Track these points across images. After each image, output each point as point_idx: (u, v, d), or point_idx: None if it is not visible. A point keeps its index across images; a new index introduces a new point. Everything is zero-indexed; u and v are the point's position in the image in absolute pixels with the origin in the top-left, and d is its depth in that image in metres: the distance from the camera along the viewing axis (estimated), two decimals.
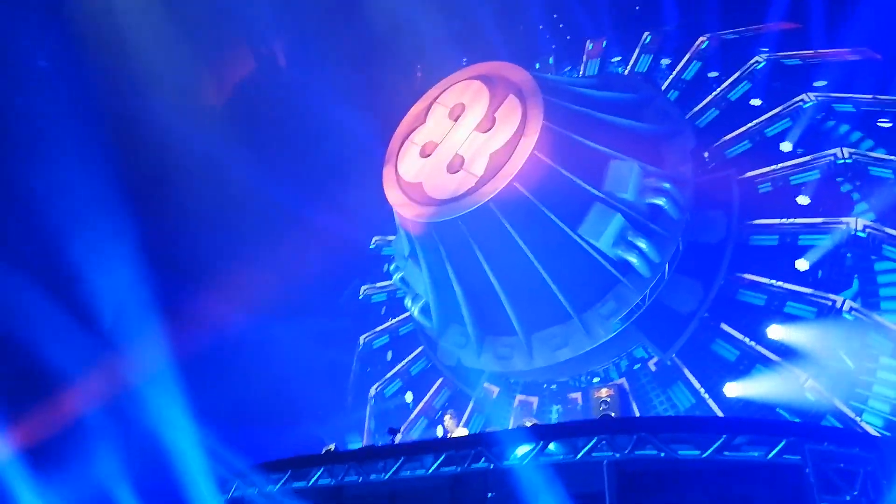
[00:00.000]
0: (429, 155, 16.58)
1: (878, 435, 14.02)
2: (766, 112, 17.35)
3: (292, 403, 21.46)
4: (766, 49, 18.29)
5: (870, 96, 16.66)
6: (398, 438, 13.01)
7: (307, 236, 22.43)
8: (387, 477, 11.13)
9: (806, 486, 9.57)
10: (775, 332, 15.19)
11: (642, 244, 15.31)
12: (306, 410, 21.92)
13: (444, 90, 17.38)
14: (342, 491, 11.43)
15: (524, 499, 10.16)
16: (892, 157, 15.75)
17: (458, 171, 15.76)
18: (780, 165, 16.65)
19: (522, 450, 10.43)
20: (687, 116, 17.95)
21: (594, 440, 10.20)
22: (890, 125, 16.43)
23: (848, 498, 9.39)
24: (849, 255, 15.34)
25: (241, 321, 21.33)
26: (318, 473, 11.62)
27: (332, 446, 12.60)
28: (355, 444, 20.00)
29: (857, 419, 14.26)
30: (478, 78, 16.84)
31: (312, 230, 22.58)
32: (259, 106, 23.60)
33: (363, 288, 22.12)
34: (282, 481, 11.74)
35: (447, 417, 13.24)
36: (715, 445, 9.82)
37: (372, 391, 19.82)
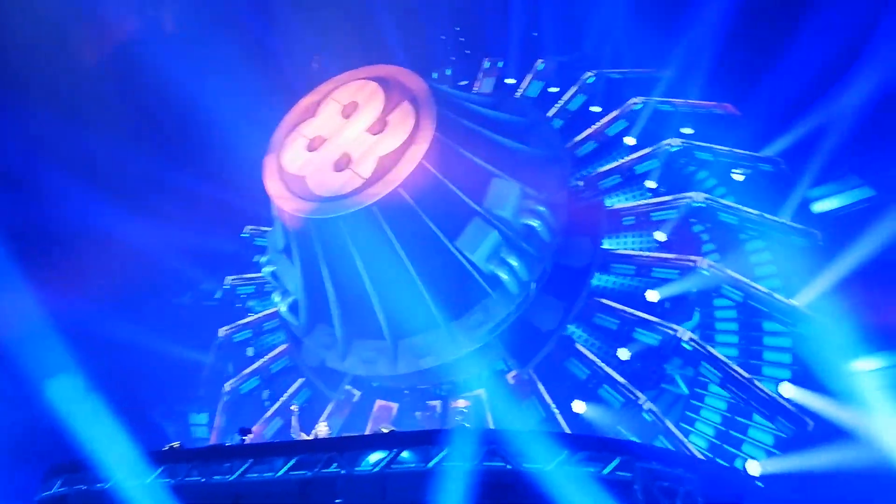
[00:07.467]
0: (316, 149, 16.22)
1: (701, 456, 15.46)
2: (638, 150, 18.64)
3: (137, 392, 20.12)
4: (644, 93, 19.68)
5: (727, 148, 18.45)
6: (249, 439, 12.53)
7: (174, 213, 21.16)
8: (232, 479, 10.69)
9: (634, 501, 10.37)
10: (624, 354, 16.30)
11: (514, 262, 15.87)
12: (152, 400, 20.64)
13: (339, 86, 17.08)
14: (182, 491, 10.82)
15: None
16: (738, 206, 17.49)
17: (344, 170, 15.55)
18: (643, 202, 17.94)
19: (375, 457, 10.42)
20: (568, 145, 18.88)
21: (446, 450, 10.41)
22: (742, 178, 18.28)
23: None
24: (693, 290, 16.77)
25: (88, 299, 19.77)
26: (158, 472, 10.93)
27: (176, 444, 11.88)
28: (202, 442, 19.07)
29: (685, 440, 15.64)
30: (374, 79, 16.73)
31: (180, 207, 21.33)
32: (137, 68, 22.03)
33: (229, 278, 21.18)
34: (114, 479, 10.92)
35: (323, 426, 12.90)
36: (557, 460, 10.37)
37: (227, 386, 18.97)
